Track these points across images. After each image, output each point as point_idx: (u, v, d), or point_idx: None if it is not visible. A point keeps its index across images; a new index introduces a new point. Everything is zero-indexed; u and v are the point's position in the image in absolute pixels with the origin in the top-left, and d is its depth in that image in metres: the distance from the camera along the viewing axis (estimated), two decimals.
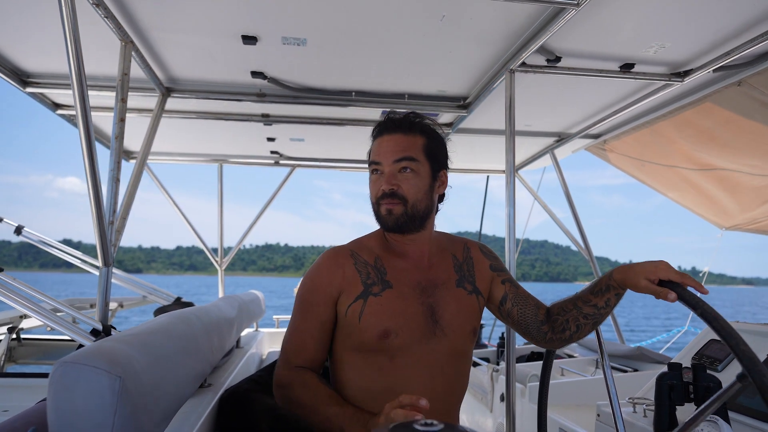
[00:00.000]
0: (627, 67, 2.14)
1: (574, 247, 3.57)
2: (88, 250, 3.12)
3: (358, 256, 1.30)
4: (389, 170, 1.26)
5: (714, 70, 2.07)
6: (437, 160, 1.30)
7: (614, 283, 1.21)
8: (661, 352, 3.05)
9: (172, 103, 2.59)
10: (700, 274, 4.85)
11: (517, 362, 2.37)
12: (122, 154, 1.99)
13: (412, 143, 1.28)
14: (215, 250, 4.16)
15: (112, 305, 3.64)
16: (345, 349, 1.25)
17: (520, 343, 3.76)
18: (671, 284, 1.09)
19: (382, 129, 1.30)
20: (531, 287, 2.08)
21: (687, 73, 2.17)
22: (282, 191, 4.24)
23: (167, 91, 2.51)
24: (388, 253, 1.32)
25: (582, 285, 1.33)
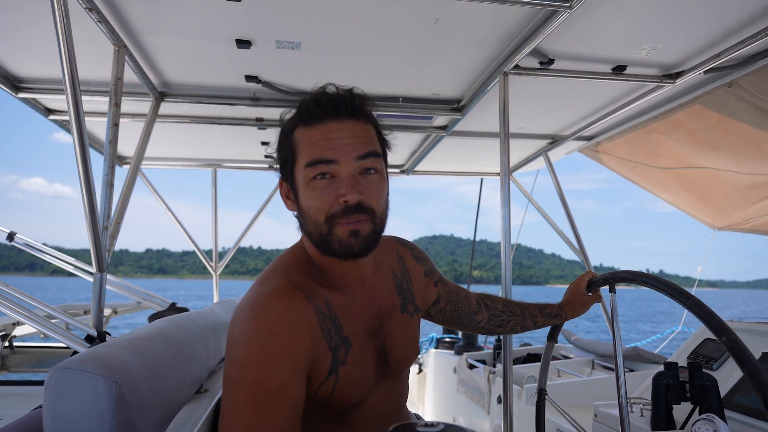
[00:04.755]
0: (619, 70, 2.16)
1: (546, 251, 3.64)
2: None
3: (313, 300, 0.92)
4: (349, 172, 0.89)
5: (705, 72, 2.09)
6: (386, 156, 1.00)
7: (564, 314, 1.40)
8: (656, 351, 3.07)
9: (165, 107, 2.58)
10: (694, 276, 4.87)
11: (513, 364, 2.38)
12: (116, 159, 1.98)
13: (369, 133, 0.94)
14: (209, 255, 4.14)
15: (107, 311, 3.61)
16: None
17: (517, 345, 3.77)
18: (592, 286, 1.37)
19: (324, 111, 0.91)
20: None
21: (678, 75, 2.19)
22: (265, 195, 4.25)
23: (161, 96, 2.50)
24: (331, 291, 0.97)
25: (554, 287, 1.46)
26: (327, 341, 0.91)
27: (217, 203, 4.13)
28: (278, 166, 1.01)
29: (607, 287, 1.23)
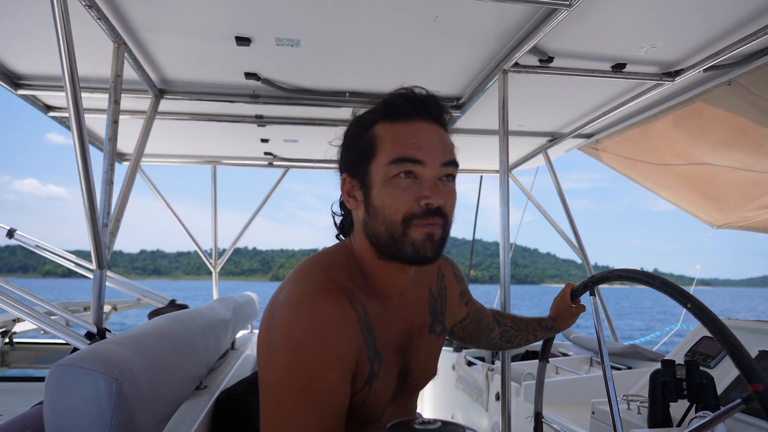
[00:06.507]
0: (619, 67, 2.16)
1: (541, 250, 3.65)
2: None
3: (356, 306, 0.88)
4: (433, 176, 0.87)
5: (704, 70, 2.09)
6: None
7: (557, 326, 1.45)
8: (654, 349, 3.07)
9: (165, 104, 2.59)
10: (690, 274, 4.88)
11: (512, 361, 2.38)
12: (115, 156, 1.98)
13: (451, 142, 0.93)
14: (208, 253, 4.14)
15: (106, 308, 3.62)
16: None
17: None
18: (575, 295, 1.41)
19: (415, 109, 0.89)
20: (498, 289, 2.10)
21: (678, 73, 2.19)
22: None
23: (160, 93, 2.50)
24: (371, 299, 0.93)
25: (549, 287, 1.49)
26: (366, 351, 0.88)
27: (216, 200, 4.13)
28: (344, 161, 0.96)
29: (588, 292, 1.25)
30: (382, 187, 0.87)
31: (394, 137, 0.87)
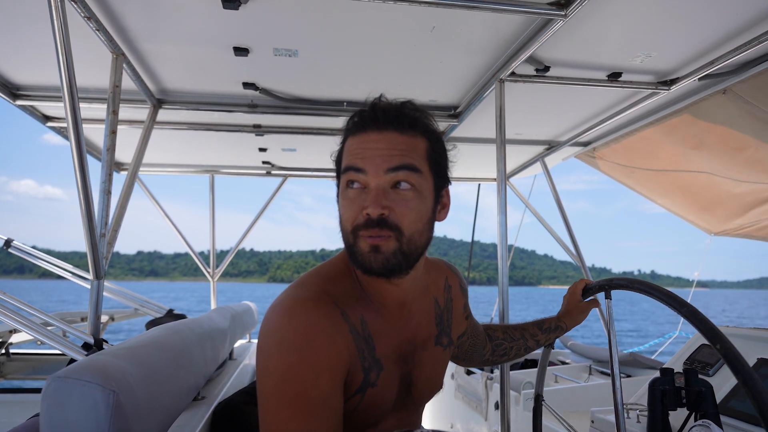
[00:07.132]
0: (614, 76, 2.17)
1: (539, 251, 3.64)
2: None
3: (349, 319, 0.88)
4: (377, 184, 0.85)
5: (699, 79, 2.11)
6: (441, 174, 0.95)
7: (563, 324, 1.37)
8: (653, 357, 3.07)
9: (163, 114, 2.59)
10: (686, 276, 4.88)
11: (510, 370, 2.38)
12: (114, 166, 1.98)
13: (413, 146, 0.89)
14: (205, 257, 4.13)
15: (103, 318, 3.60)
16: None
17: None
18: (587, 293, 1.32)
19: (365, 121, 0.89)
20: (496, 291, 2.09)
21: (673, 82, 2.21)
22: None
23: (159, 103, 2.51)
24: (369, 308, 0.93)
25: (546, 288, 1.43)
26: (361, 361, 0.88)
27: (214, 209, 4.13)
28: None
29: (602, 293, 1.23)
30: (340, 199, 0.91)
31: (348, 150, 0.90)
